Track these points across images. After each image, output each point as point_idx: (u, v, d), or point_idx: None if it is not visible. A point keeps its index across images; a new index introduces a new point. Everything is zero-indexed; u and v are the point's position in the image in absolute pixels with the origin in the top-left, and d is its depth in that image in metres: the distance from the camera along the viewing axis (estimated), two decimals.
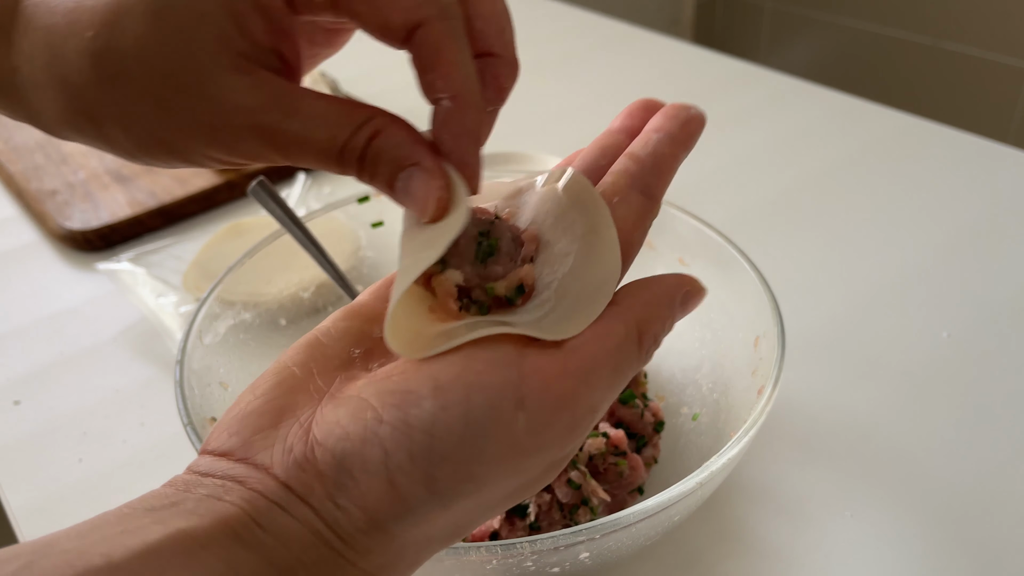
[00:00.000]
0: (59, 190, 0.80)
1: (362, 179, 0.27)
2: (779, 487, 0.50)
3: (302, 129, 0.25)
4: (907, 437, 0.53)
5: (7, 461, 0.55)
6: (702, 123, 0.34)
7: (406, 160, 0.26)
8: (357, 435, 0.23)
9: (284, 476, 0.23)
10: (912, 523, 0.48)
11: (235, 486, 0.23)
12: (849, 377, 0.58)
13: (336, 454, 0.23)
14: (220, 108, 0.25)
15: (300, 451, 0.23)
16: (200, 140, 0.26)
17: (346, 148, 0.26)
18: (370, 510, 0.22)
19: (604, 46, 1.13)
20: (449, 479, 0.22)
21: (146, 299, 0.65)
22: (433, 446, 0.22)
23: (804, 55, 2.10)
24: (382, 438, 0.22)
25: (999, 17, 1.71)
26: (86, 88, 0.26)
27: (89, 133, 0.27)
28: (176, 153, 0.27)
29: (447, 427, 0.22)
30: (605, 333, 0.25)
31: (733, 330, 0.50)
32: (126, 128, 0.26)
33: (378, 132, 0.26)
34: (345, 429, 0.23)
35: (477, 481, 0.23)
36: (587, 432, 0.25)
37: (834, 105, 0.94)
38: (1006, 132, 1.78)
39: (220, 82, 0.25)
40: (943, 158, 0.83)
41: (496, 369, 0.23)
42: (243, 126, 0.25)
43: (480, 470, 0.23)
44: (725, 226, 0.54)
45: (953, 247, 0.70)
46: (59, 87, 0.26)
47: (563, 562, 0.37)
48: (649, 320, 0.27)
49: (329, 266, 0.54)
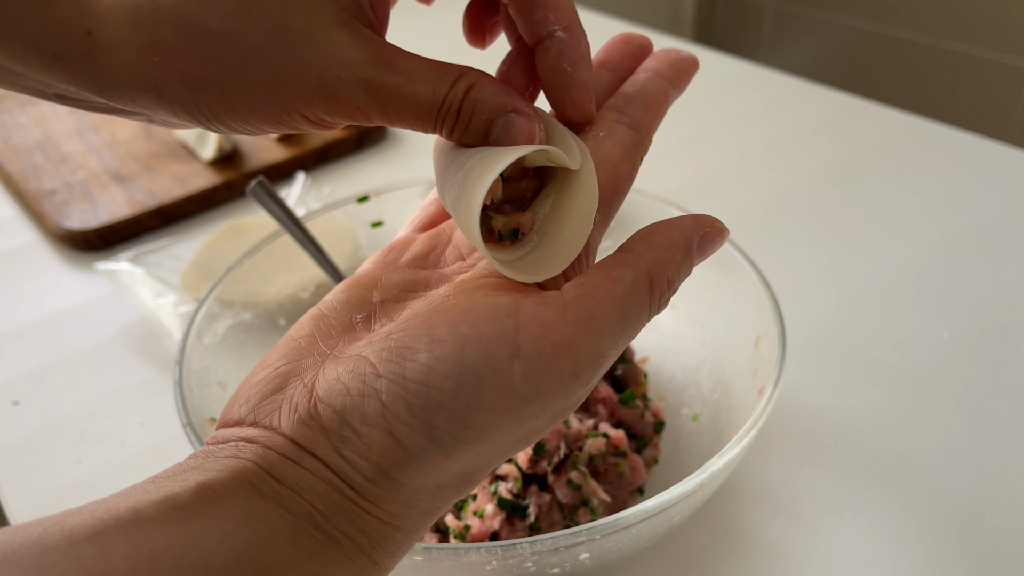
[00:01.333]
0: (58, 190, 0.80)
1: (455, 133, 0.27)
2: (779, 487, 0.50)
3: (406, 84, 0.27)
4: (907, 437, 0.53)
5: (6, 461, 0.55)
6: (694, 64, 0.33)
7: (504, 107, 0.27)
8: (356, 390, 0.23)
9: (291, 433, 0.24)
10: (912, 523, 0.48)
11: (247, 445, 0.24)
12: (849, 377, 0.58)
13: (337, 408, 0.23)
14: (331, 62, 0.26)
15: (304, 408, 0.24)
16: (305, 97, 0.26)
17: (445, 101, 0.27)
18: (374, 460, 0.23)
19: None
20: (448, 427, 0.23)
21: (145, 299, 0.65)
22: (429, 395, 0.23)
23: (804, 55, 2.10)
24: (379, 391, 0.23)
25: (999, 17, 1.71)
26: (182, 49, 0.26)
27: (174, 98, 0.26)
28: (272, 114, 0.27)
29: (442, 377, 0.23)
30: (612, 279, 0.25)
31: (733, 330, 0.50)
32: (223, 91, 0.26)
33: (473, 84, 0.27)
34: (345, 385, 0.24)
35: (477, 429, 0.23)
36: (593, 379, 0.25)
37: (834, 105, 0.94)
38: (1006, 132, 1.77)
39: (330, 36, 0.26)
40: (943, 158, 0.83)
41: (491, 320, 0.24)
42: (352, 80, 0.26)
43: (478, 418, 0.23)
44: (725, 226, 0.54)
45: (953, 247, 0.70)
46: (148, 48, 0.26)
47: (563, 563, 0.37)
48: (661, 264, 0.26)
49: (328, 266, 0.54)
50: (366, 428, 0.23)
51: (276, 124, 0.28)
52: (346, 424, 0.23)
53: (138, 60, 0.26)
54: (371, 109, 0.27)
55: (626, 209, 0.58)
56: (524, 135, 0.27)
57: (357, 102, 0.27)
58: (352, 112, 0.27)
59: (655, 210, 0.56)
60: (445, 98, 0.27)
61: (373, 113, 0.27)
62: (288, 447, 0.23)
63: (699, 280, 0.54)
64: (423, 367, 0.23)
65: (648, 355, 0.56)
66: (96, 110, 0.29)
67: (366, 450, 0.23)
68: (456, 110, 0.27)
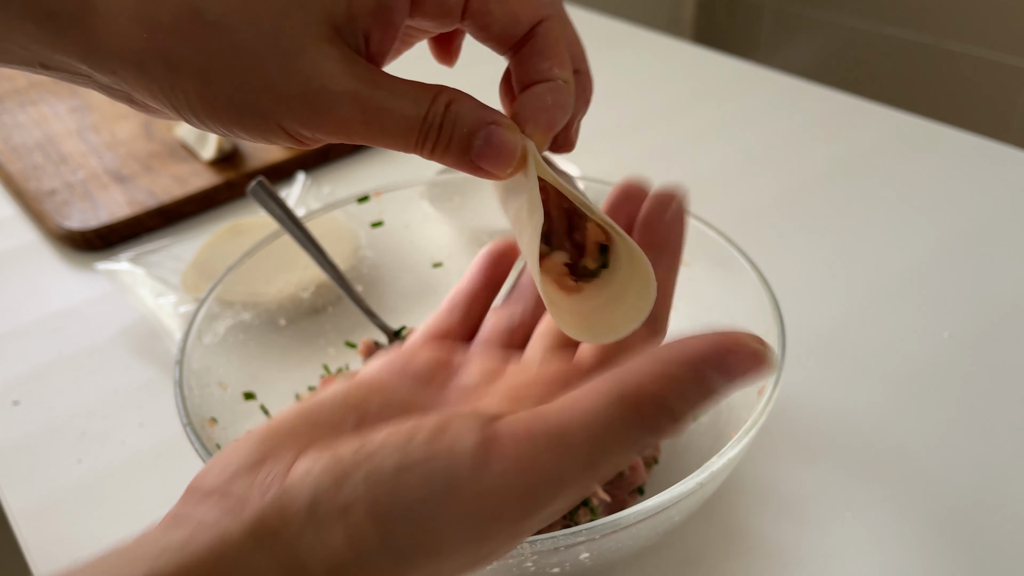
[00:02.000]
0: (58, 190, 0.80)
1: (437, 149, 0.28)
2: (779, 487, 0.50)
3: (391, 99, 0.27)
4: (907, 437, 0.53)
5: (6, 461, 0.55)
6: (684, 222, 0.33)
7: (484, 120, 0.27)
8: (325, 485, 0.23)
9: (256, 517, 0.24)
10: (912, 523, 0.48)
11: (209, 527, 0.24)
12: (849, 377, 0.58)
13: (303, 500, 0.23)
14: (319, 73, 0.26)
15: (274, 495, 0.24)
16: (287, 104, 0.27)
17: (427, 117, 0.27)
18: (329, 558, 0.23)
19: (604, 46, 1.13)
20: (406, 536, 0.23)
21: (145, 299, 0.65)
22: (393, 503, 0.23)
23: (804, 55, 2.10)
24: (346, 491, 0.23)
25: (999, 17, 1.71)
26: (174, 31, 0.26)
27: (154, 77, 0.26)
28: (249, 118, 0.27)
29: (407, 487, 0.23)
30: (582, 398, 0.23)
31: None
32: (205, 81, 0.26)
33: (453, 99, 0.28)
34: (317, 479, 0.24)
35: (434, 540, 0.23)
36: (551, 508, 0.23)
37: (834, 105, 0.94)
38: (1006, 132, 1.77)
39: (321, 49, 0.26)
40: (943, 158, 0.83)
41: (463, 433, 0.24)
42: (338, 92, 0.27)
43: (438, 530, 0.23)
44: (725, 226, 0.54)
45: (953, 247, 0.70)
46: (141, 23, 0.26)
47: (563, 562, 0.37)
48: (653, 383, 0.22)
49: (328, 266, 0.54)
50: (328, 523, 0.23)
51: (251, 130, 0.27)
52: (311, 517, 0.23)
53: (129, 32, 0.26)
54: (354, 123, 0.27)
55: None
56: (506, 146, 0.27)
57: (341, 115, 0.27)
58: (333, 125, 0.27)
59: None
60: (428, 113, 0.27)
61: (356, 127, 0.27)
62: (249, 533, 0.23)
63: (699, 280, 0.54)
64: (391, 474, 0.23)
65: None
66: (76, 81, 0.28)
67: (323, 546, 0.23)
68: (439, 124, 0.27)
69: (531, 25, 0.29)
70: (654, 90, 1.00)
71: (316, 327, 0.59)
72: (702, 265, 0.53)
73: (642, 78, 1.03)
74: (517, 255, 0.36)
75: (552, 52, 0.29)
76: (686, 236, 0.33)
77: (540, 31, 0.29)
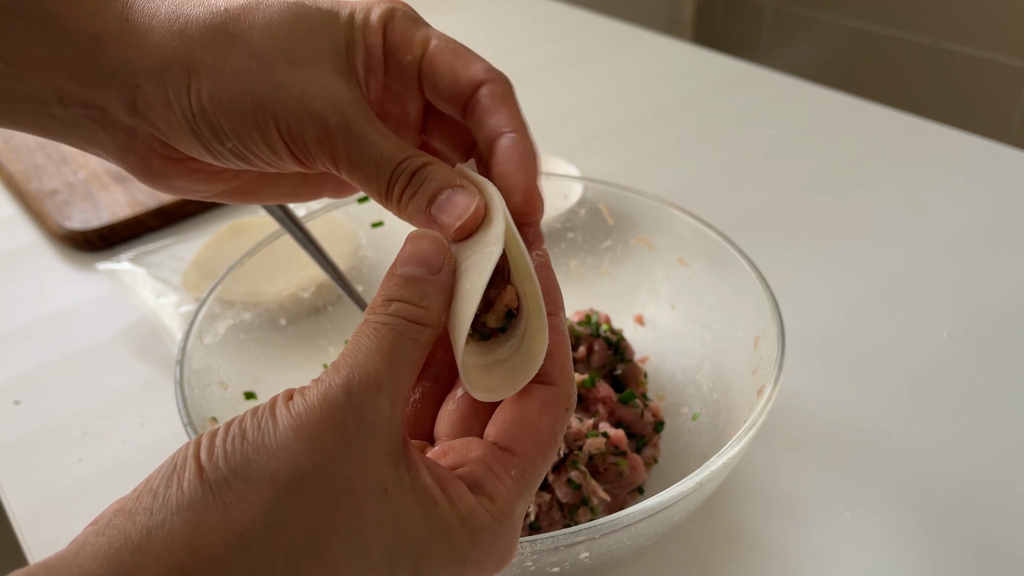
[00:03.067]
0: (59, 190, 0.80)
1: (403, 198, 0.30)
2: (779, 487, 0.50)
3: (375, 136, 0.30)
4: (907, 437, 0.53)
5: (7, 461, 0.55)
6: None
7: (453, 182, 0.30)
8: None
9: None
10: (912, 523, 0.48)
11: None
12: (849, 377, 0.58)
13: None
14: (319, 84, 0.29)
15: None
16: (285, 104, 0.29)
17: (404, 162, 0.30)
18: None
19: (604, 46, 1.13)
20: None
21: (146, 299, 0.66)
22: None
23: (804, 55, 2.10)
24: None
25: (999, 17, 1.71)
26: (199, 41, 0.29)
27: (175, 83, 0.29)
28: (249, 115, 0.29)
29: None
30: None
31: (733, 330, 0.50)
32: (218, 78, 0.29)
33: (430, 162, 0.30)
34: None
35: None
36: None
37: (834, 105, 0.94)
38: (1006, 132, 1.77)
39: (327, 70, 0.30)
40: (943, 158, 0.83)
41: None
42: (333, 105, 0.29)
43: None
44: (725, 226, 0.54)
45: (953, 247, 0.70)
46: (174, 36, 0.29)
47: (563, 562, 0.37)
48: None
49: (329, 266, 0.54)
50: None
51: (250, 130, 0.30)
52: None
53: (160, 44, 0.29)
54: (338, 140, 0.29)
55: (626, 209, 0.58)
56: (462, 204, 0.29)
57: (329, 126, 0.29)
58: (320, 134, 0.29)
59: (655, 210, 0.56)
60: (405, 160, 0.30)
61: (339, 145, 0.29)
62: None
63: (699, 280, 0.54)
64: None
65: (648, 355, 0.56)
66: (83, 127, 0.31)
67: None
68: (411, 172, 0.30)
69: (473, 86, 0.31)
70: (654, 90, 1.00)
71: (316, 327, 0.59)
72: (702, 265, 0.53)
73: (642, 78, 1.04)
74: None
75: (497, 108, 0.31)
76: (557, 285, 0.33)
77: (483, 92, 0.31)
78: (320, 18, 0.31)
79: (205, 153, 0.31)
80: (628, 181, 0.68)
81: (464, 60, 0.32)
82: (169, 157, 0.32)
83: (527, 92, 1.04)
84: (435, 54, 0.32)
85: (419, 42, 0.32)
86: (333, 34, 0.31)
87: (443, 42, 0.32)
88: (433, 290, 0.27)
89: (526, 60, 1.08)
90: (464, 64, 0.32)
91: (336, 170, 0.30)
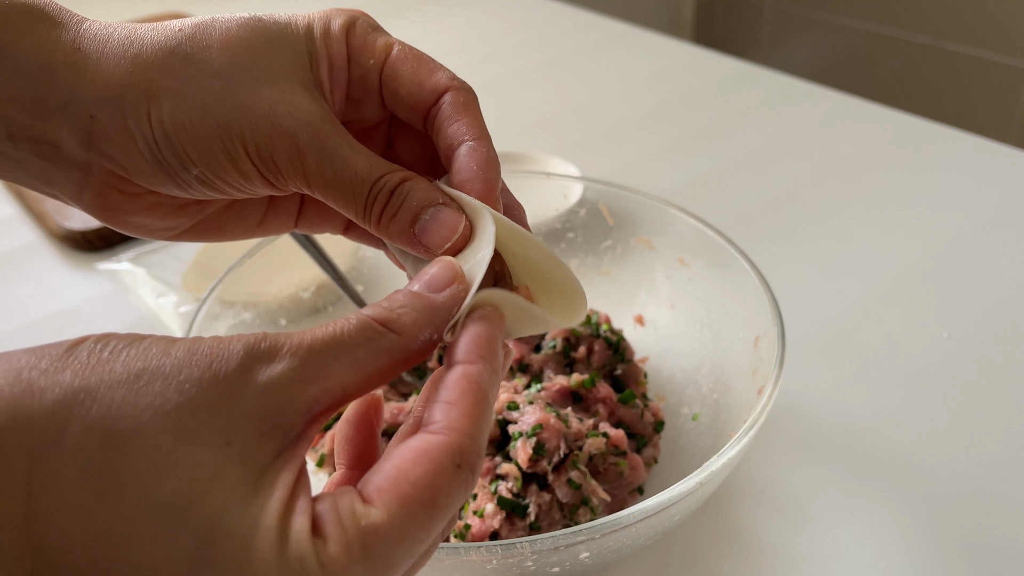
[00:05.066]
0: None
1: (383, 218, 0.29)
2: (779, 487, 0.50)
3: (348, 152, 0.29)
4: (907, 437, 0.53)
5: None
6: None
7: (435, 200, 0.29)
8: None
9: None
10: (912, 523, 0.48)
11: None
12: (849, 377, 0.58)
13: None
14: (286, 100, 0.28)
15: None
16: (252, 123, 0.28)
17: (380, 180, 0.29)
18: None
19: (604, 46, 1.13)
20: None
21: (146, 299, 0.66)
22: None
23: (804, 55, 2.10)
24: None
25: (999, 17, 1.71)
26: (156, 64, 0.28)
27: (133, 110, 0.28)
28: (215, 137, 0.28)
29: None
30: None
31: (733, 330, 0.50)
32: (179, 102, 0.28)
33: (408, 177, 0.29)
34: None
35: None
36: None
37: (834, 105, 0.94)
38: (1006, 132, 1.78)
39: (293, 86, 0.29)
40: (943, 158, 0.83)
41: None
42: (301, 121, 0.28)
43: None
44: (725, 226, 0.54)
45: (953, 247, 0.70)
46: (128, 62, 0.28)
47: (563, 562, 0.37)
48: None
49: (328, 266, 0.54)
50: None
51: (216, 154, 0.28)
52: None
53: (115, 70, 0.28)
54: (310, 158, 0.28)
55: (626, 209, 0.58)
56: (449, 224, 0.28)
57: (299, 143, 0.28)
58: (291, 153, 0.28)
59: (655, 210, 0.56)
60: (381, 178, 0.29)
61: (311, 164, 0.28)
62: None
63: (699, 280, 0.54)
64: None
65: (648, 355, 0.56)
66: (37, 166, 0.30)
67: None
68: (390, 190, 0.29)
69: (436, 94, 0.31)
70: (654, 90, 1.00)
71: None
72: (702, 265, 0.53)
73: (642, 78, 1.04)
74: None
75: (459, 116, 0.30)
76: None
77: (445, 100, 0.31)
78: (278, 31, 0.30)
79: (170, 183, 0.30)
80: (628, 181, 0.68)
81: (427, 67, 0.31)
82: (128, 192, 0.31)
83: (527, 92, 1.05)
84: (398, 60, 0.31)
85: (381, 48, 0.31)
86: (294, 47, 0.30)
87: (406, 49, 0.32)
88: (418, 303, 0.24)
89: (526, 60, 1.08)
90: (427, 71, 0.31)
91: (310, 190, 0.29)
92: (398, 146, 0.34)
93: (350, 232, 0.36)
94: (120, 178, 0.30)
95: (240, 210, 0.35)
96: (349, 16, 0.31)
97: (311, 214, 0.36)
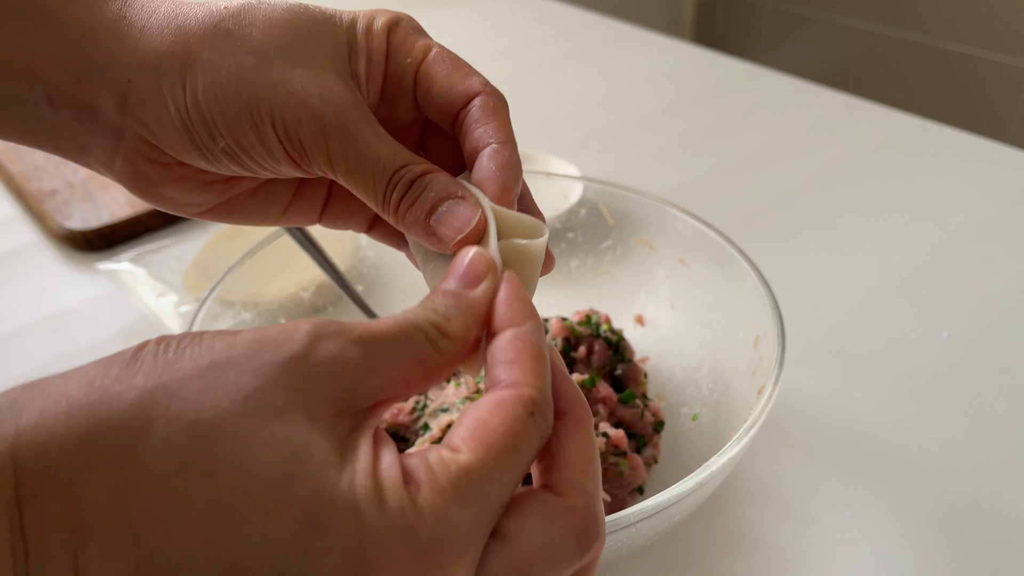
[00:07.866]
0: (59, 190, 0.80)
1: (401, 206, 0.29)
2: (779, 487, 0.50)
3: (374, 139, 0.29)
4: (907, 437, 0.53)
5: None
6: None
7: (455, 192, 0.29)
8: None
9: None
10: (912, 523, 0.48)
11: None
12: (849, 377, 0.58)
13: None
14: (318, 82, 0.29)
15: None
16: (282, 99, 0.29)
17: (402, 169, 0.29)
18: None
19: (604, 46, 1.13)
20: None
21: (146, 299, 0.66)
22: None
23: (804, 55, 2.10)
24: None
25: (999, 17, 1.71)
26: (196, 36, 0.29)
27: (168, 78, 0.29)
28: (245, 109, 0.29)
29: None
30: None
31: (733, 330, 0.50)
32: (214, 73, 0.29)
33: (431, 170, 0.30)
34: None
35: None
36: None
37: (834, 105, 0.94)
38: (1006, 132, 1.78)
39: (327, 71, 0.30)
40: (943, 158, 0.83)
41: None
42: (331, 103, 0.29)
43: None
44: (725, 226, 0.54)
45: (953, 247, 0.70)
46: (171, 32, 0.30)
47: None
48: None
49: (328, 266, 0.54)
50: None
51: (245, 127, 0.29)
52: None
53: (157, 39, 0.30)
54: (335, 140, 0.29)
55: (626, 209, 0.58)
56: (463, 217, 0.29)
57: (326, 125, 0.29)
58: (316, 132, 0.29)
59: (655, 210, 0.56)
60: (403, 167, 0.29)
61: (336, 146, 0.29)
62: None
63: (699, 280, 0.54)
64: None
65: (648, 355, 0.56)
66: (72, 129, 0.31)
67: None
68: (410, 180, 0.29)
69: (467, 97, 0.31)
70: (654, 90, 1.00)
71: None
72: (702, 265, 0.53)
73: (642, 78, 1.04)
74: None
75: (487, 120, 0.31)
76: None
77: (475, 104, 0.31)
78: (322, 19, 0.31)
79: (196, 154, 0.31)
80: (628, 181, 0.68)
81: (461, 71, 0.32)
82: (158, 162, 0.32)
83: (527, 92, 1.05)
84: (434, 61, 0.32)
85: (420, 49, 0.32)
86: (335, 36, 0.31)
87: (444, 52, 0.32)
88: (462, 304, 0.25)
89: (526, 60, 1.08)
90: (461, 75, 0.32)
91: (332, 173, 0.30)
92: (430, 149, 0.35)
93: (374, 231, 0.37)
94: (151, 146, 0.31)
95: (266, 195, 0.35)
96: (394, 15, 0.32)
97: (336, 208, 0.36)
